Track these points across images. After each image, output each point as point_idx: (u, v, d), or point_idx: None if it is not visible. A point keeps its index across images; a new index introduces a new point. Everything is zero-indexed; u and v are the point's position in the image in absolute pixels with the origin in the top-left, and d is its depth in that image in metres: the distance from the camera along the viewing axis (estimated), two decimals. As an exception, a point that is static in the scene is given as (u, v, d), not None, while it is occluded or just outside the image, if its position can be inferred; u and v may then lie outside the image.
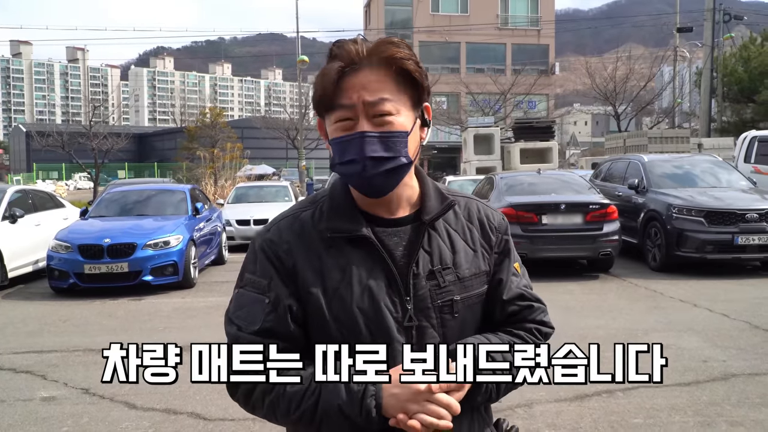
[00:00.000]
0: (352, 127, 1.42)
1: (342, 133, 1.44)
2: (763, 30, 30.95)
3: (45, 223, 12.06)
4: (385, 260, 1.46)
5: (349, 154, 1.43)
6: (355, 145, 1.42)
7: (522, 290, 1.63)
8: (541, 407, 4.92)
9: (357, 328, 1.42)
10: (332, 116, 1.45)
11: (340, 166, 1.46)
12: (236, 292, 1.53)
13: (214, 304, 9.35)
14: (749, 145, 15.28)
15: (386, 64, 1.43)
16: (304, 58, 35.64)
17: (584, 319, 7.84)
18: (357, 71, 1.42)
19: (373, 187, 1.45)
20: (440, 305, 1.48)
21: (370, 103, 1.41)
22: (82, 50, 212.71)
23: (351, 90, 1.41)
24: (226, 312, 1.52)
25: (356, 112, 1.42)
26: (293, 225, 1.52)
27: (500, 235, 1.63)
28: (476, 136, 24.46)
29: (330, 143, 1.48)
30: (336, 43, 1.47)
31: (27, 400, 5.43)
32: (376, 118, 1.42)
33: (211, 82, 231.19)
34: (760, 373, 5.64)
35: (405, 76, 1.45)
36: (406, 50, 1.44)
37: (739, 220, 10.40)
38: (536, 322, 1.60)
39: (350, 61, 1.42)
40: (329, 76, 1.42)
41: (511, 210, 10.64)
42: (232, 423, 4.79)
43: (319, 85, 1.44)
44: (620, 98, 38.60)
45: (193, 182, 27.91)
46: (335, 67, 1.42)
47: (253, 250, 1.54)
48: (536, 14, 56.11)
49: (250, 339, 1.41)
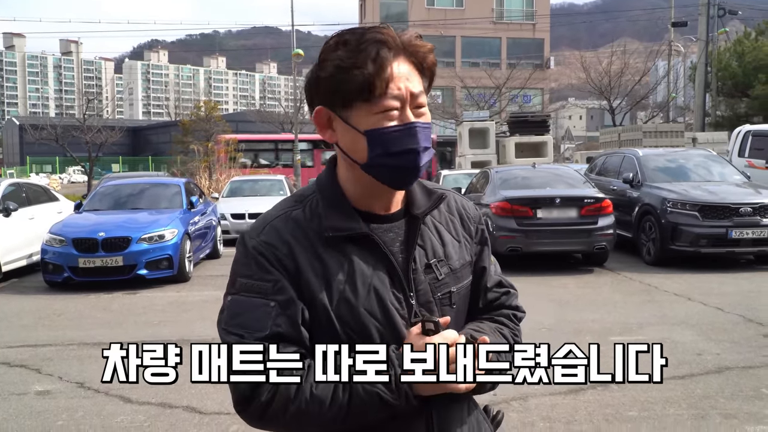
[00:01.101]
0: (396, 118, 1.39)
1: (388, 123, 1.39)
2: (758, 25, 31.01)
3: (39, 217, 12.04)
4: (387, 257, 1.44)
5: (401, 145, 1.39)
6: (412, 135, 1.39)
7: (499, 277, 1.68)
8: (536, 400, 4.94)
9: (365, 329, 1.39)
10: (374, 106, 1.38)
11: (387, 157, 1.39)
12: (229, 300, 1.43)
13: (209, 297, 9.35)
14: (743, 139, 15.33)
15: (416, 56, 1.42)
16: (299, 51, 35.46)
17: (579, 312, 7.87)
18: (397, 60, 1.39)
19: (414, 177, 1.45)
20: (440, 298, 1.48)
21: (414, 94, 1.40)
22: (76, 43, 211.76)
23: (398, 79, 1.38)
24: (219, 323, 1.43)
25: (403, 102, 1.39)
26: (287, 225, 1.45)
27: (477, 225, 1.66)
28: (471, 130, 24.45)
29: (368, 134, 1.39)
30: (375, 29, 1.41)
31: (21, 394, 5.42)
32: (416, 110, 1.41)
33: (206, 75, 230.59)
34: (753, 366, 5.66)
35: (424, 71, 1.45)
36: (429, 45, 1.44)
37: (733, 214, 10.43)
38: (512, 308, 1.66)
39: (396, 50, 1.39)
40: (381, 61, 1.36)
41: (507, 204, 10.65)
42: (228, 417, 4.78)
43: (360, 70, 1.35)
44: (615, 92, 38.65)
45: (187, 176, 27.85)
46: (384, 54, 1.36)
47: (246, 252, 1.44)
48: (531, 8, 56.11)
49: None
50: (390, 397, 1.32)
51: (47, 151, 53.70)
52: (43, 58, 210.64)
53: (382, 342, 1.38)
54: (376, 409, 1.33)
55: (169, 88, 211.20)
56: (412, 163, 1.40)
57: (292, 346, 1.36)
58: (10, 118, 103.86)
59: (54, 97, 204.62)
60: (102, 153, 33.74)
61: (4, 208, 11.14)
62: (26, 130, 39.44)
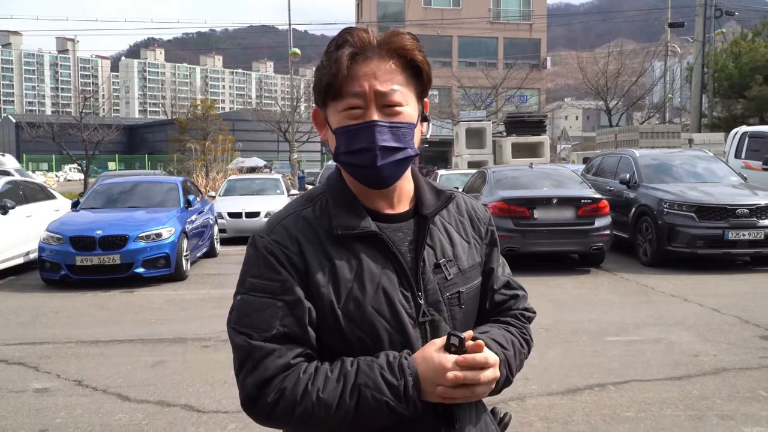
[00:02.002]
0: (361, 116, 1.40)
1: (351, 122, 1.41)
2: (754, 26, 30.99)
3: (36, 215, 12.02)
4: (396, 256, 1.44)
5: (359, 143, 1.40)
6: (367, 133, 1.39)
7: (508, 278, 1.68)
8: (534, 401, 4.95)
9: (373, 328, 1.39)
10: (339, 104, 1.42)
11: (348, 155, 1.43)
12: (238, 299, 1.43)
13: (206, 296, 9.36)
14: (740, 140, 15.37)
15: (396, 54, 1.42)
16: (296, 50, 35.47)
17: (576, 313, 7.88)
18: (368, 60, 1.40)
19: (381, 178, 1.43)
20: (449, 298, 1.48)
21: (381, 92, 1.39)
22: (72, 41, 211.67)
23: (362, 78, 1.39)
24: (228, 322, 1.44)
25: (366, 101, 1.39)
26: (297, 223, 1.46)
27: (487, 226, 1.67)
28: (468, 130, 24.47)
29: (335, 132, 1.44)
30: (347, 30, 1.43)
31: (20, 391, 5.42)
32: (385, 108, 1.40)
33: (202, 74, 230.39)
34: (750, 367, 5.68)
35: (412, 68, 1.44)
36: (415, 42, 1.44)
37: (729, 216, 10.45)
38: (521, 309, 1.66)
39: (362, 49, 1.40)
40: (341, 62, 1.38)
41: (503, 204, 10.66)
42: (226, 415, 4.79)
43: (326, 70, 1.41)
44: (611, 93, 38.77)
45: (184, 174, 27.84)
46: (347, 53, 1.39)
47: (256, 252, 1.45)
48: (528, 8, 56.17)
49: (264, 346, 1.36)
50: (398, 406, 1.32)
51: (43, 149, 53.51)
52: (40, 56, 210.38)
53: (390, 341, 1.39)
54: (384, 416, 1.33)
55: (165, 87, 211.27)
56: (371, 161, 1.40)
57: (299, 347, 1.37)
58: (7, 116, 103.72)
59: (50, 95, 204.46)
60: (98, 151, 33.65)
61: (1, 206, 11.12)
62: (22, 128, 39.29)
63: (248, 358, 1.36)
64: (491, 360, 1.35)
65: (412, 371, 1.32)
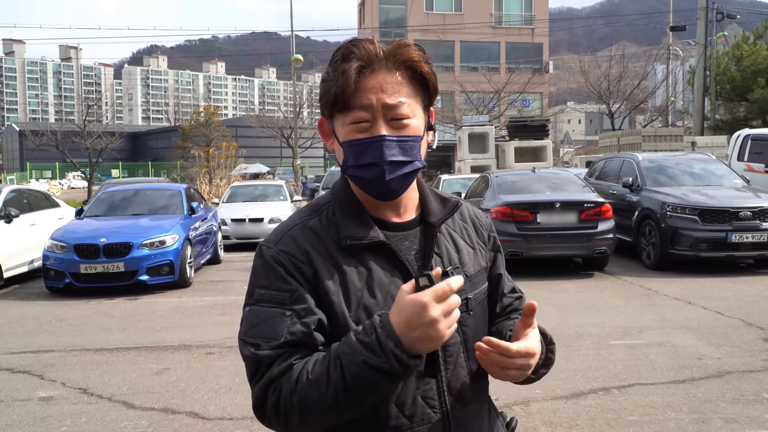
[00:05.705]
0: (368, 129, 1.40)
1: (359, 135, 1.41)
2: (756, 29, 30.95)
3: (40, 223, 12.06)
4: (404, 265, 1.44)
5: (367, 158, 1.40)
6: (375, 148, 1.39)
7: (512, 283, 1.72)
8: (538, 405, 4.96)
9: None
10: (347, 117, 1.41)
11: (356, 169, 1.43)
12: (247, 311, 1.42)
13: (211, 303, 9.37)
14: (742, 143, 15.35)
15: (404, 66, 1.42)
16: (298, 56, 35.55)
17: (579, 317, 7.88)
18: (375, 72, 1.40)
19: (389, 191, 1.43)
20: None
21: (389, 105, 1.39)
22: (76, 49, 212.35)
23: (370, 91, 1.39)
24: (239, 334, 1.43)
25: (374, 114, 1.39)
26: (304, 233, 1.46)
27: (489, 233, 1.68)
28: (471, 134, 24.47)
29: (343, 145, 1.43)
30: (352, 42, 1.42)
31: (25, 400, 5.44)
32: (393, 122, 1.40)
33: (205, 80, 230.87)
34: (754, 370, 5.68)
35: (419, 79, 1.44)
36: (422, 54, 1.44)
37: (732, 218, 10.45)
38: None
39: (369, 62, 1.40)
40: (348, 75, 1.37)
41: (507, 208, 10.67)
42: (231, 422, 4.80)
43: (333, 83, 1.40)
44: (614, 96, 38.71)
45: (187, 181, 27.89)
46: (354, 66, 1.38)
47: (264, 262, 1.44)
48: (530, 12, 56.17)
49: (271, 354, 1.34)
50: (378, 361, 1.25)
51: (47, 156, 53.69)
52: (43, 64, 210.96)
53: None
54: (373, 379, 1.26)
55: (168, 94, 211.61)
56: (378, 176, 1.40)
57: (305, 350, 1.36)
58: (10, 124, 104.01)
59: (54, 103, 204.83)
60: (102, 159, 33.75)
61: (5, 215, 11.17)
62: (26, 136, 39.47)
63: (258, 367, 1.36)
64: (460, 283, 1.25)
65: (384, 322, 1.26)
